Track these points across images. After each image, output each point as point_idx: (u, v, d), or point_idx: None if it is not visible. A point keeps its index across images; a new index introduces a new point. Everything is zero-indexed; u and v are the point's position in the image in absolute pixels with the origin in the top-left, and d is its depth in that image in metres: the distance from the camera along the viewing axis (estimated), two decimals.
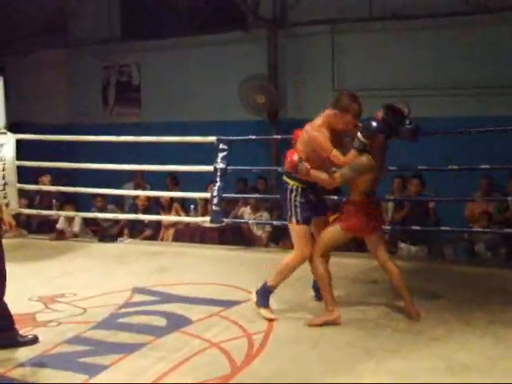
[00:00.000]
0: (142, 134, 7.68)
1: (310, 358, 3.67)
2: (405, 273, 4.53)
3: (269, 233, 7.73)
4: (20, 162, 7.48)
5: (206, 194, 7.22)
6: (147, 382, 3.36)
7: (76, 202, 8.21)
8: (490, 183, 7.36)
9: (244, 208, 7.99)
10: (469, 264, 6.19)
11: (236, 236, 7.70)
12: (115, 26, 10.91)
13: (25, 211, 7.90)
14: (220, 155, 6.75)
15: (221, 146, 6.74)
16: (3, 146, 7.29)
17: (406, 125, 4.13)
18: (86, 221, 8.15)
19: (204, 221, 7.28)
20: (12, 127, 7.59)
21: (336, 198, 5.94)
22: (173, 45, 10.24)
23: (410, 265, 5.83)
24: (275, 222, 7.22)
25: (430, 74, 8.69)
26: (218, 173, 6.75)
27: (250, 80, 9.70)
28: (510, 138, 6.56)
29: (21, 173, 7.52)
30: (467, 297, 4.82)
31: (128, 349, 3.83)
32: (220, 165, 6.74)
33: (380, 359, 3.61)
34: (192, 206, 8.20)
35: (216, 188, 6.77)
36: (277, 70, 9.65)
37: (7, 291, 3.91)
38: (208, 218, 6.98)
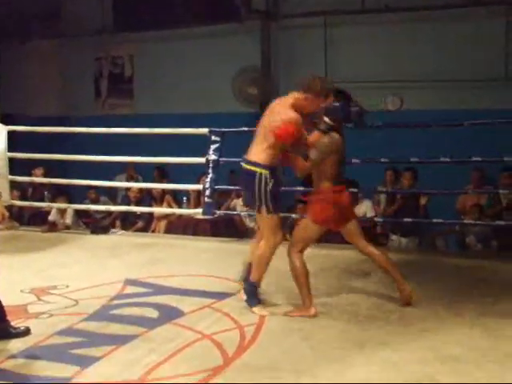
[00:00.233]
0: (135, 126, 7.65)
1: (302, 350, 3.69)
2: (396, 264, 4.55)
3: None
4: (12, 154, 7.46)
5: (199, 186, 7.22)
6: (139, 373, 3.37)
7: (68, 194, 8.19)
8: (482, 176, 7.37)
9: (236, 200, 7.99)
10: (460, 256, 6.23)
11: (229, 228, 7.72)
12: (108, 17, 10.83)
13: (17, 203, 7.89)
14: (212, 147, 6.76)
15: (213, 138, 6.75)
16: None
17: (352, 107, 4.28)
18: (78, 213, 8.15)
19: (196, 213, 7.28)
20: (4, 119, 7.56)
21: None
22: (166, 36, 10.20)
23: (401, 256, 5.85)
24: None
25: (424, 67, 8.68)
26: (211, 164, 6.75)
27: (243, 72, 9.69)
28: (502, 131, 6.60)
29: (13, 165, 7.50)
30: (458, 288, 4.86)
31: (120, 340, 3.83)
32: (212, 156, 6.75)
33: (371, 350, 3.64)
34: (185, 198, 8.20)
35: (208, 180, 6.78)
36: (269, 62, 9.64)
37: None
38: (200, 210, 6.99)
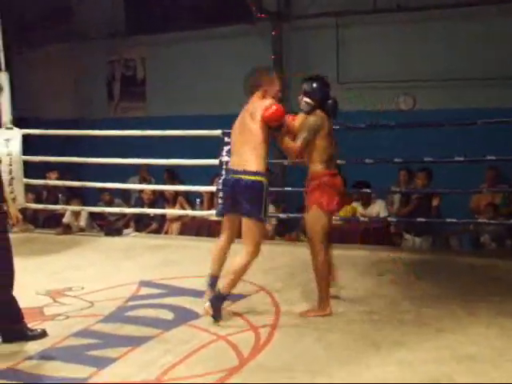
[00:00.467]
0: (148, 128, 7.68)
1: (317, 351, 3.69)
2: (410, 264, 4.54)
3: (274, 226, 7.74)
4: (26, 157, 7.51)
5: (212, 188, 7.23)
6: (155, 374, 3.38)
7: (82, 197, 8.24)
8: (497, 175, 7.33)
9: None
10: (474, 255, 6.20)
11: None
12: (120, 20, 10.90)
13: (32, 206, 7.94)
14: (225, 148, 6.77)
15: (226, 139, 6.75)
16: (10, 141, 7.31)
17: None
18: (92, 215, 8.19)
19: (210, 214, 7.30)
20: (18, 122, 7.62)
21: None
22: (177, 39, 10.23)
23: (415, 256, 5.84)
24: (281, 215, 7.24)
25: (435, 66, 8.65)
26: (224, 166, 6.76)
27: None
28: None
29: (27, 168, 7.56)
30: (472, 288, 4.84)
31: (135, 342, 3.85)
32: (225, 158, 6.75)
33: (386, 351, 3.63)
34: (198, 200, 8.22)
35: (221, 181, 6.78)
36: (282, 63, 9.64)
37: (15, 285, 3.93)
38: (214, 212, 7.00)
